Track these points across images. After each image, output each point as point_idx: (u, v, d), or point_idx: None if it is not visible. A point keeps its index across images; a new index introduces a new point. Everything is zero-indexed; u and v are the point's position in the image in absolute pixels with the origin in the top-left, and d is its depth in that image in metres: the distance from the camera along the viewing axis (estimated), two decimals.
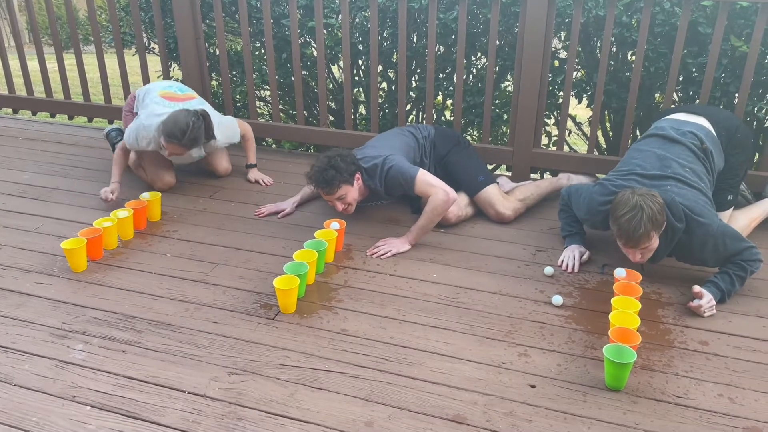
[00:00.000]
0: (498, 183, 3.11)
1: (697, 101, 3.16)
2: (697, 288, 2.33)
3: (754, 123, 3.44)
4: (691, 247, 2.36)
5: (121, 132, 3.68)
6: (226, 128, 3.25)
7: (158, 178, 3.27)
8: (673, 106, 3.33)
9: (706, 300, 2.29)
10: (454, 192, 2.77)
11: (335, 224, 2.74)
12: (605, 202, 2.41)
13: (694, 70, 3.29)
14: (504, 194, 3.07)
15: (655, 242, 2.28)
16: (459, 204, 2.98)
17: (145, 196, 3.01)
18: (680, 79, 3.34)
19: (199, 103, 3.19)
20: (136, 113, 3.38)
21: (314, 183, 2.77)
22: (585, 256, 2.61)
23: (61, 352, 2.11)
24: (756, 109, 3.23)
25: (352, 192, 2.79)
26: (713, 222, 2.33)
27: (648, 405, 1.88)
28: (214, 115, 3.16)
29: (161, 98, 3.13)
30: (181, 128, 2.86)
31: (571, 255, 2.59)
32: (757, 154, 3.43)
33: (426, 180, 2.76)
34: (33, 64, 4.40)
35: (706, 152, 2.56)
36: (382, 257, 2.71)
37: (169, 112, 3.01)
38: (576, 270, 2.57)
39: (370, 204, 3.09)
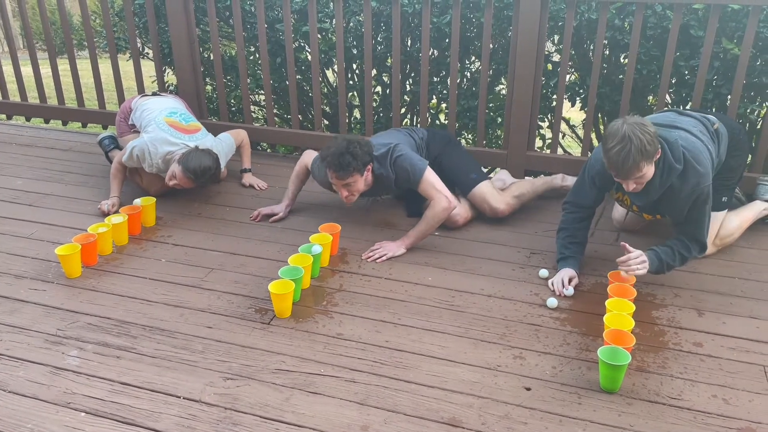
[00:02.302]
0: (491, 180, 3.13)
1: (690, 104, 3.18)
2: (626, 244, 2.33)
3: (747, 125, 3.46)
4: (680, 193, 2.32)
5: (114, 140, 3.67)
6: (226, 155, 3.32)
7: (153, 184, 3.27)
8: (666, 108, 3.34)
9: (636, 255, 2.29)
10: (455, 200, 2.79)
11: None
12: None
13: (686, 72, 3.31)
14: (498, 190, 3.08)
15: (649, 171, 2.22)
16: (465, 206, 3.02)
17: (139, 201, 3.01)
18: (673, 81, 3.36)
19: (204, 136, 3.22)
20: (132, 125, 3.39)
21: (328, 165, 2.69)
22: (574, 281, 2.51)
23: (55, 358, 2.10)
24: (748, 110, 3.25)
25: (361, 182, 2.76)
26: (707, 178, 2.31)
27: (643, 406, 1.89)
28: (217, 145, 3.22)
29: (169, 127, 3.14)
30: (203, 170, 2.96)
31: (559, 278, 2.52)
32: (750, 156, 3.45)
33: (431, 181, 2.76)
34: (27, 70, 4.39)
35: (717, 132, 2.55)
36: (377, 261, 2.71)
37: (181, 144, 3.08)
38: (563, 294, 2.47)
39: (371, 198, 3.08)
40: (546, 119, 3.88)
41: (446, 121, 3.82)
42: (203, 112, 4.04)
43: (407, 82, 4.09)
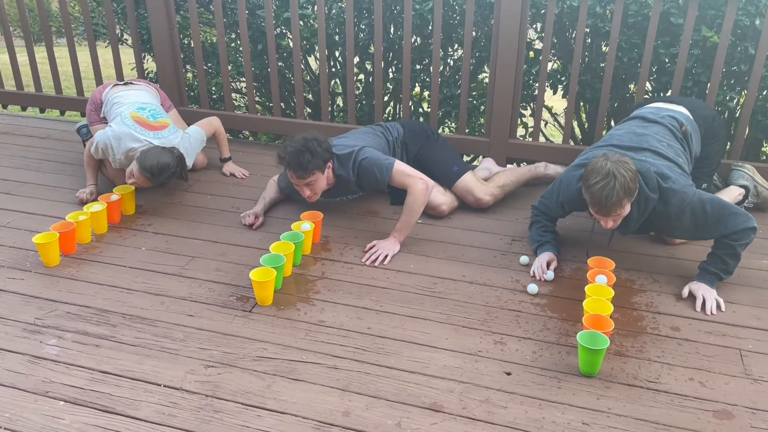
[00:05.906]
0: (473, 170, 3.13)
1: (670, 91, 3.21)
2: (684, 291, 2.36)
3: (726, 112, 3.50)
4: (668, 217, 2.34)
5: None
6: (195, 151, 3.19)
7: (117, 177, 3.19)
8: (646, 96, 3.37)
9: (704, 299, 2.30)
10: (431, 180, 2.75)
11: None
12: (581, 176, 2.35)
13: (666, 60, 3.33)
14: (481, 180, 3.09)
15: (627, 209, 2.27)
16: (450, 196, 3.02)
17: (118, 190, 2.98)
18: (653, 69, 3.38)
19: (171, 133, 3.08)
20: (103, 117, 3.31)
21: (287, 165, 2.65)
22: (553, 265, 2.54)
23: (33, 347, 2.08)
24: (727, 98, 3.28)
25: (322, 180, 2.72)
26: (688, 190, 2.32)
27: (621, 390, 1.91)
28: (183, 142, 3.09)
29: (134, 123, 3.02)
30: (160, 168, 2.82)
31: (538, 263, 2.53)
32: (728, 143, 3.49)
33: (402, 170, 2.72)
34: (3, 57, 4.32)
35: (686, 134, 2.58)
36: (384, 263, 2.60)
37: (145, 141, 2.96)
38: (543, 278, 2.48)
39: (337, 199, 3.05)
40: (528, 107, 3.89)
41: (429, 109, 3.82)
42: (183, 99, 3.99)
43: (390, 70, 4.07)
